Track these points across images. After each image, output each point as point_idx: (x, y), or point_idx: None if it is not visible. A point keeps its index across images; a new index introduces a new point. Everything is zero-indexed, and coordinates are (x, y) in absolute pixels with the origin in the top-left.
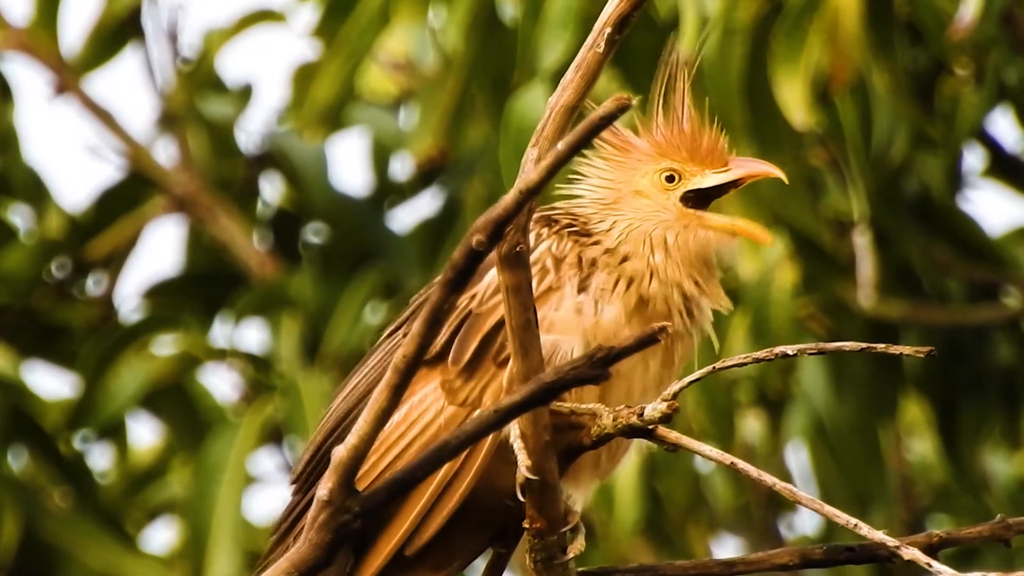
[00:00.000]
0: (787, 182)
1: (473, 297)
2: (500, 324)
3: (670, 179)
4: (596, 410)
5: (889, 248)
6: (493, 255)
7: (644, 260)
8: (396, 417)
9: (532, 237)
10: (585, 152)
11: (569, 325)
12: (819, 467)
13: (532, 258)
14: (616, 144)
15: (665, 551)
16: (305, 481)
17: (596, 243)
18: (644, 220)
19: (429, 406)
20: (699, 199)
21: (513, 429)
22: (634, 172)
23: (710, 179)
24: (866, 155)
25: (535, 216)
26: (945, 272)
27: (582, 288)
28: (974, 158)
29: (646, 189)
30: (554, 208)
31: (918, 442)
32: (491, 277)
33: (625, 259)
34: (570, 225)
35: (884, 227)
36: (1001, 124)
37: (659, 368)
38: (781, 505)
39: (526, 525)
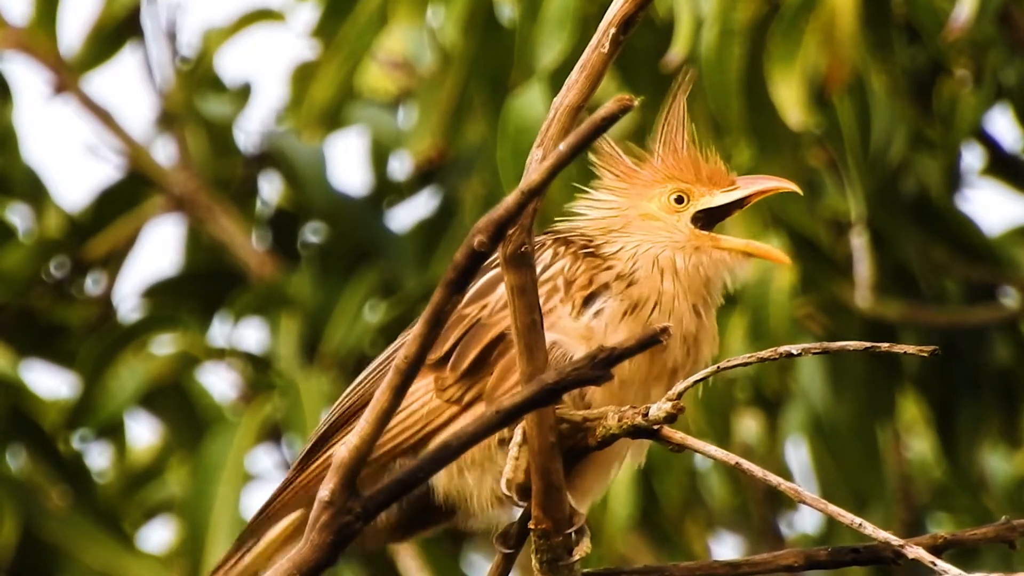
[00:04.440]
0: (800, 192)
1: (484, 307)
2: (500, 337)
3: (679, 200)
4: (605, 413)
5: (887, 248)
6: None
7: (651, 285)
8: None
9: (548, 255)
10: (591, 175)
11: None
12: (818, 466)
13: (544, 276)
14: (621, 171)
15: (664, 550)
16: (297, 469)
17: (609, 267)
18: (655, 242)
19: (419, 398)
20: (708, 219)
21: (515, 436)
22: (640, 197)
23: (720, 198)
24: (864, 156)
25: (550, 235)
26: (943, 272)
27: (591, 310)
28: (972, 157)
29: (655, 212)
30: (567, 229)
31: (917, 441)
32: (504, 289)
33: (631, 284)
34: (584, 247)
35: (882, 227)
36: (1000, 122)
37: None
38: (780, 503)
39: (531, 526)
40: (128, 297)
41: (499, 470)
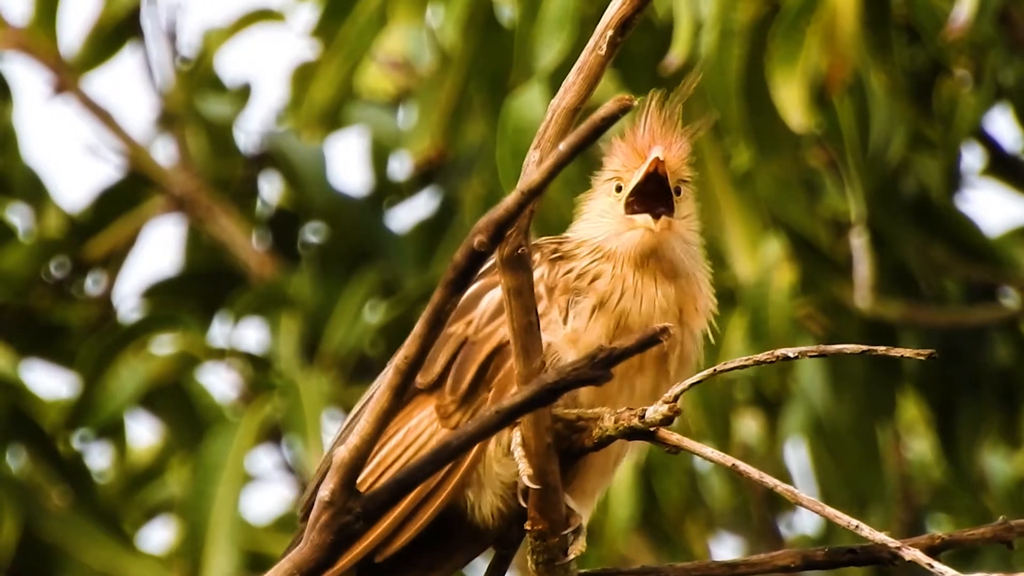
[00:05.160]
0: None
1: (469, 323)
2: (495, 352)
3: (619, 189)
4: (601, 413)
5: (886, 249)
6: (492, 280)
7: (608, 276)
8: (394, 440)
9: None
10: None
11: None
12: (818, 467)
13: None
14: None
15: (664, 550)
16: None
17: (571, 270)
18: (596, 235)
19: (424, 429)
20: (647, 200)
21: (515, 436)
22: (601, 193)
23: (631, 178)
24: (864, 156)
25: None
26: (943, 273)
27: (569, 314)
28: (972, 157)
29: (604, 204)
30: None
31: (917, 441)
32: (487, 302)
33: (594, 279)
34: (555, 251)
35: (881, 228)
36: (1000, 122)
37: (649, 386)
38: (780, 504)
39: (528, 527)
40: (128, 297)
41: (500, 481)
